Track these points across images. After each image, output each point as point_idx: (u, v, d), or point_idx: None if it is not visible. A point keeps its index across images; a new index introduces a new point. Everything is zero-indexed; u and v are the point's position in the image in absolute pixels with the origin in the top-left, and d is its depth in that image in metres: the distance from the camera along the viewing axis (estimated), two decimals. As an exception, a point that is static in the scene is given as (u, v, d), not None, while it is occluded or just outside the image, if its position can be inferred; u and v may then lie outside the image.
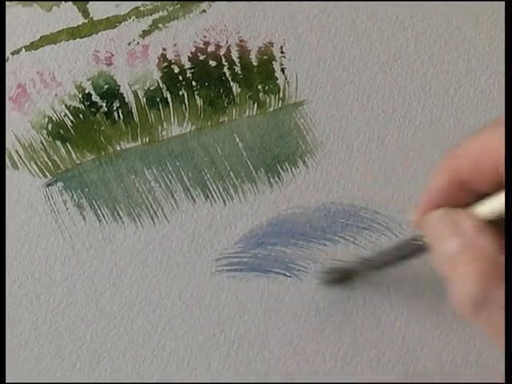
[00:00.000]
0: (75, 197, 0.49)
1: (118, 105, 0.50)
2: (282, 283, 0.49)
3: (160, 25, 0.50)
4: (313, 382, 0.48)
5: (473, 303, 0.31)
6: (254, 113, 0.50)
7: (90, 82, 0.50)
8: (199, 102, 0.50)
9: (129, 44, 0.50)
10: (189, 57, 0.50)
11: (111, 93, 0.50)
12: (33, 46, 0.50)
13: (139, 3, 0.50)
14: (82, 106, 0.50)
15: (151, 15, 0.50)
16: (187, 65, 0.50)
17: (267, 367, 0.48)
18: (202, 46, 0.50)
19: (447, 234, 0.34)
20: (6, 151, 0.49)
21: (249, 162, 0.50)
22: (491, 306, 0.31)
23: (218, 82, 0.50)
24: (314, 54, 0.51)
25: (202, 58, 0.50)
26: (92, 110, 0.50)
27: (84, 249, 0.48)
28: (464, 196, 0.34)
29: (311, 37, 0.51)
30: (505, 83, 0.51)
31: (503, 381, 0.31)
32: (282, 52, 0.51)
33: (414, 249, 0.40)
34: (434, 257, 0.35)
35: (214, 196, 0.49)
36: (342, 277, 0.48)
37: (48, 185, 0.49)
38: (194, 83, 0.50)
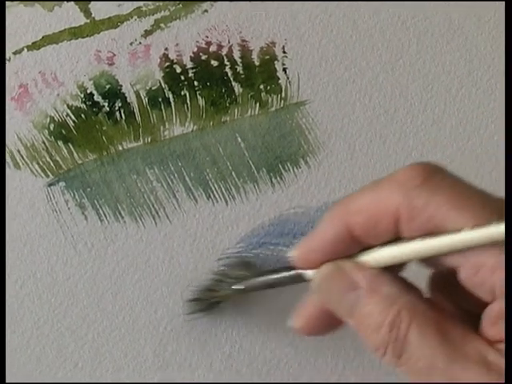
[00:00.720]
0: (77, 197, 0.49)
1: (119, 105, 0.50)
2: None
3: (162, 25, 0.50)
4: (314, 381, 0.48)
5: (391, 352, 0.31)
6: (256, 112, 0.50)
7: (91, 82, 0.50)
8: (201, 101, 0.50)
9: (131, 44, 0.50)
10: (191, 57, 0.50)
11: (113, 93, 0.50)
12: (35, 46, 0.50)
13: (141, 3, 0.50)
14: (83, 106, 0.50)
15: (153, 15, 0.50)
16: (189, 65, 0.50)
17: (269, 367, 0.48)
18: (203, 45, 0.50)
19: (344, 290, 0.33)
20: (8, 151, 0.49)
21: (251, 162, 0.50)
22: (409, 349, 0.31)
23: (220, 82, 0.50)
24: (315, 53, 0.51)
25: (203, 57, 0.50)
26: (94, 109, 0.50)
27: (86, 249, 0.48)
28: (349, 247, 0.34)
29: (313, 37, 0.51)
30: (505, 83, 0.51)
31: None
32: (284, 52, 0.51)
33: (290, 277, 0.39)
34: (334, 311, 0.34)
35: (216, 196, 0.49)
36: (208, 302, 0.47)
37: (50, 185, 0.49)
38: (195, 83, 0.50)
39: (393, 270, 0.34)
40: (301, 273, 0.37)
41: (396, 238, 0.33)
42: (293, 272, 0.38)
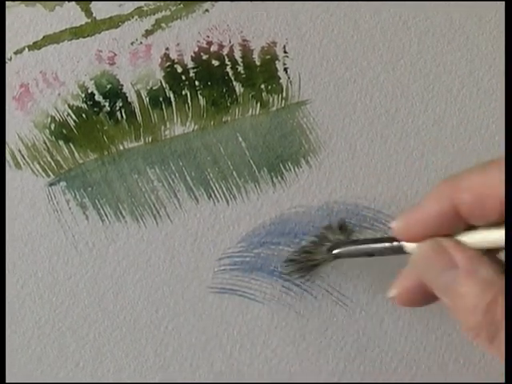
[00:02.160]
0: (78, 196, 0.49)
1: (120, 104, 0.50)
2: (285, 282, 0.49)
3: (163, 24, 0.50)
4: (316, 382, 0.48)
5: (485, 336, 0.31)
6: (257, 112, 0.50)
7: (92, 82, 0.50)
8: (202, 101, 0.50)
9: (132, 43, 0.50)
10: (192, 56, 0.50)
11: (114, 92, 0.50)
12: (36, 46, 0.50)
13: (142, 3, 0.50)
14: (84, 106, 0.50)
15: (154, 15, 0.50)
16: (190, 64, 0.50)
17: (270, 367, 0.48)
18: (204, 45, 0.50)
19: (442, 268, 0.34)
20: (9, 151, 0.49)
21: (252, 162, 0.50)
22: (502, 334, 0.31)
23: (221, 82, 0.50)
24: (316, 53, 0.51)
25: (204, 57, 0.50)
26: (95, 109, 0.50)
27: (87, 248, 0.48)
28: (452, 225, 0.34)
29: (314, 36, 0.51)
30: (505, 83, 0.51)
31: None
32: (285, 51, 0.51)
33: (391, 248, 0.40)
34: (430, 287, 0.35)
35: (217, 195, 0.49)
36: (305, 265, 0.47)
37: (51, 184, 0.49)
38: (196, 83, 0.50)
39: (491, 252, 0.34)
40: (402, 245, 0.38)
41: (500, 222, 0.33)
42: (395, 243, 0.39)
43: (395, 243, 0.39)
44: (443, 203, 0.34)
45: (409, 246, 0.37)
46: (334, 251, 0.45)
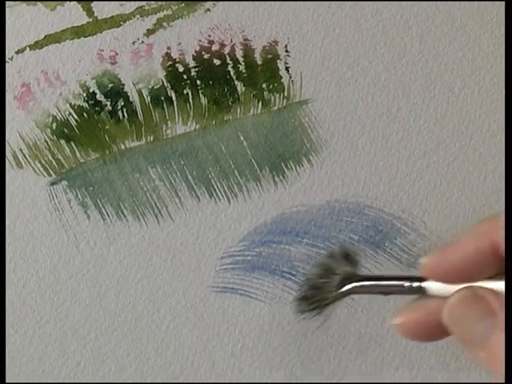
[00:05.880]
0: (79, 195, 0.49)
1: (122, 104, 0.50)
2: (287, 281, 0.49)
3: (164, 24, 0.50)
4: (317, 381, 0.48)
5: None
6: (259, 111, 0.50)
7: (94, 81, 0.50)
8: (204, 100, 0.50)
9: (133, 43, 0.50)
10: (193, 55, 0.50)
11: (115, 92, 0.50)
12: (37, 45, 0.50)
13: (143, 2, 0.50)
14: (86, 105, 0.50)
15: (155, 14, 0.50)
16: (192, 63, 0.50)
17: (271, 366, 0.48)
18: (206, 44, 0.50)
19: (478, 316, 0.32)
20: (11, 150, 0.49)
21: (253, 161, 0.50)
22: None
23: (223, 81, 0.50)
24: (318, 52, 0.51)
25: (206, 56, 0.50)
26: (96, 108, 0.50)
27: (88, 247, 0.48)
28: (489, 265, 0.33)
29: (316, 35, 0.51)
30: (505, 83, 0.51)
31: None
32: (287, 51, 0.51)
33: (410, 288, 0.38)
34: (463, 340, 0.33)
35: (219, 194, 0.49)
36: (317, 305, 0.43)
37: (52, 183, 0.49)
38: (198, 82, 0.50)
39: None
40: (425, 287, 0.36)
41: None
42: (415, 284, 0.37)
43: (415, 284, 0.37)
44: (481, 240, 0.33)
45: (433, 286, 0.35)
46: (346, 287, 0.41)
